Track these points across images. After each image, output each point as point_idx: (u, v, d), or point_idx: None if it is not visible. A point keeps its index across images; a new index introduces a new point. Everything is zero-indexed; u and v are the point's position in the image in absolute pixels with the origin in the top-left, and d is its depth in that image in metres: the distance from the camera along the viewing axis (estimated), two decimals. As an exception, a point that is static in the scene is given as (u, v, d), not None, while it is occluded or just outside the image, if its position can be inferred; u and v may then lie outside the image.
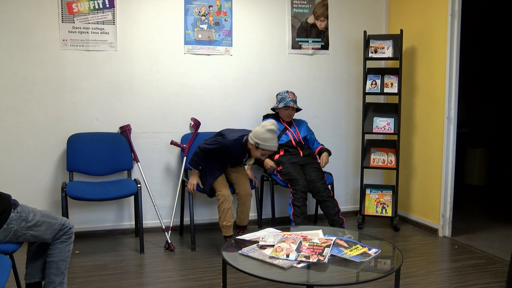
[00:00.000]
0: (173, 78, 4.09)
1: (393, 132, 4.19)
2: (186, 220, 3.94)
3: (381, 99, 4.63)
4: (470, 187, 6.06)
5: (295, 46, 4.41)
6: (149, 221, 4.05)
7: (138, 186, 3.60)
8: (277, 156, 3.97)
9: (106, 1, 3.85)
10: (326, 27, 4.50)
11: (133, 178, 3.86)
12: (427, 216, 4.19)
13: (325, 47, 4.51)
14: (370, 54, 4.21)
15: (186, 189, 3.72)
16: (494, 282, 3.00)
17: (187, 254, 3.55)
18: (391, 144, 4.30)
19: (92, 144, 3.82)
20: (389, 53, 4.18)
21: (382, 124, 4.23)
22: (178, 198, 3.95)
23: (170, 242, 3.65)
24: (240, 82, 4.27)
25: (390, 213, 4.21)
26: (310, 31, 4.45)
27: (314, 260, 2.11)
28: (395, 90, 4.16)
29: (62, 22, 3.77)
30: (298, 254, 2.16)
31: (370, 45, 4.21)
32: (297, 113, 4.18)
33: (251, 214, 3.81)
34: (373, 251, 2.24)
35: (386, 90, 4.19)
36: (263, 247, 2.28)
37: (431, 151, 4.11)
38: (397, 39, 4.15)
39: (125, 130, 3.91)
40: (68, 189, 3.45)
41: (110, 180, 3.84)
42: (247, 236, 2.50)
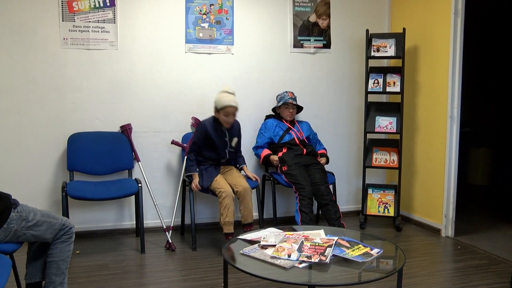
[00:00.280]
0: (174, 77, 4.07)
1: (395, 131, 4.17)
2: (187, 220, 3.93)
3: (383, 98, 4.60)
4: (473, 187, 6.03)
5: (297, 45, 4.39)
6: (150, 220, 4.04)
7: (139, 185, 3.59)
8: (280, 153, 3.96)
9: (107, -1, 3.84)
10: (328, 26, 4.48)
11: (133, 178, 3.85)
12: (430, 216, 4.17)
13: (327, 46, 4.49)
14: (373, 53, 4.19)
15: (187, 188, 3.73)
16: (498, 282, 2.97)
17: (188, 254, 3.54)
18: (394, 143, 4.28)
19: (92, 143, 3.81)
20: (391, 52, 4.16)
21: (385, 123, 4.21)
22: (179, 197, 3.94)
23: (171, 242, 3.63)
24: (241, 81, 4.25)
25: (392, 213, 4.19)
26: (312, 30, 4.42)
27: (316, 260, 2.10)
28: (398, 89, 4.13)
29: (63, 21, 3.76)
30: (300, 254, 2.15)
31: (373, 43, 4.19)
32: (299, 112, 4.17)
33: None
34: (375, 251, 2.23)
35: (388, 89, 4.17)
36: (265, 247, 2.27)
37: (434, 151, 4.09)
38: (399, 38, 4.13)
39: (125, 130, 3.90)
40: (68, 188, 3.44)
41: (110, 179, 3.83)
42: (249, 236, 2.50)
